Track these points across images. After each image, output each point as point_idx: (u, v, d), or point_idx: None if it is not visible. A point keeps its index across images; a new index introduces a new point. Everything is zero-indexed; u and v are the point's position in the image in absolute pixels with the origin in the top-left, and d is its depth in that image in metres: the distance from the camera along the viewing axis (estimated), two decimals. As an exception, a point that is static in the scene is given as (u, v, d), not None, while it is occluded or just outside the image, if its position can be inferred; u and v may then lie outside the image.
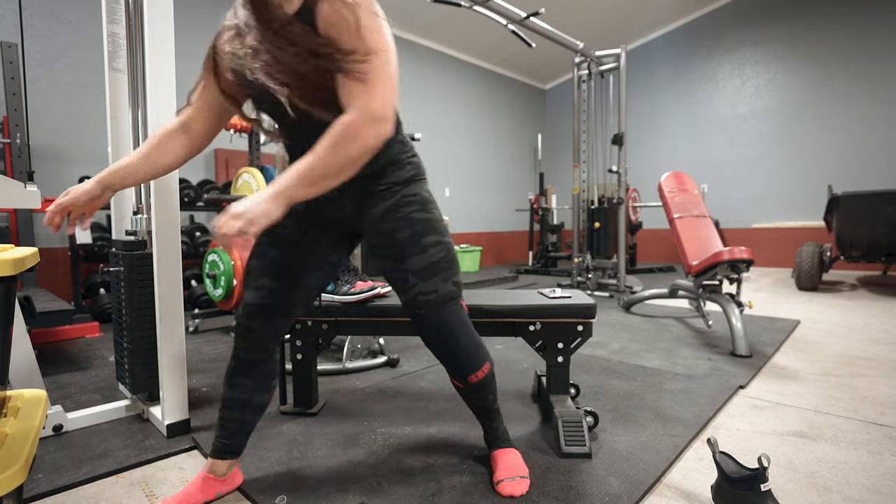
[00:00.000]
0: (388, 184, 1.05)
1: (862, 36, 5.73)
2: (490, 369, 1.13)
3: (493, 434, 1.20)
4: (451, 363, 1.08)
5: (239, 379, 1.07)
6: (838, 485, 1.14)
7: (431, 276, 1.03)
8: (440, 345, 1.06)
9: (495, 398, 1.17)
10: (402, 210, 1.04)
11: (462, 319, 1.08)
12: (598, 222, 4.52)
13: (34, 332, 2.51)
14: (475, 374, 1.09)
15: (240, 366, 1.07)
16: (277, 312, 1.06)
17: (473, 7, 3.27)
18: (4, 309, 0.77)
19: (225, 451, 1.09)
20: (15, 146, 2.84)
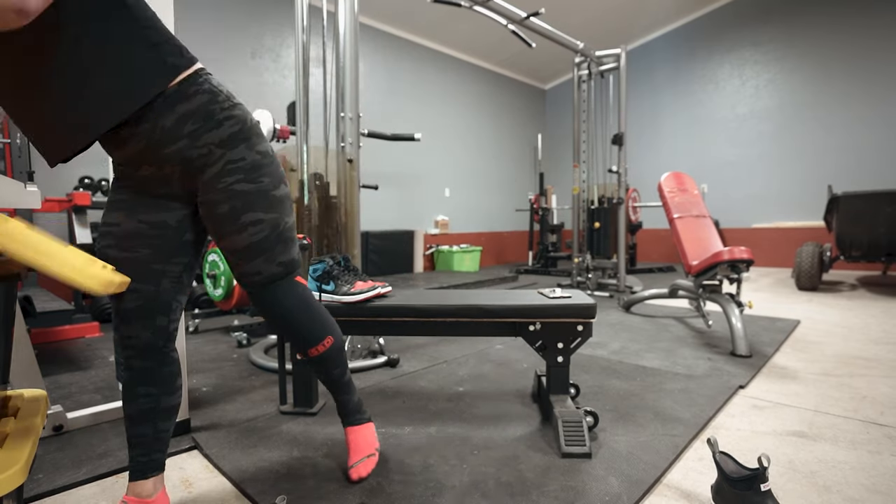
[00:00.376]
0: (207, 146, 0.90)
1: (862, 36, 5.73)
2: (334, 343, 1.11)
3: (346, 407, 1.20)
4: (288, 337, 1.08)
5: (141, 389, 0.97)
6: (838, 485, 1.14)
7: (253, 258, 0.97)
8: (272, 321, 1.05)
9: (343, 372, 1.16)
10: (223, 180, 0.92)
11: (295, 295, 1.04)
12: (598, 222, 4.52)
13: (34, 332, 2.51)
14: (315, 348, 1.08)
15: (137, 376, 0.97)
16: (155, 311, 0.96)
17: (473, 7, 3.27)
18: (5, 309, 0.77)
19: (146, 469, 0.98)
20: (15, 146, 2.84)
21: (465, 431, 1.42)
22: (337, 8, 2.19)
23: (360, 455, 1.16)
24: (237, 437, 1.40)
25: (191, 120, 0.89)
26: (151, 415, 0.98)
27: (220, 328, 2.97)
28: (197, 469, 1.26)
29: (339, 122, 2.22)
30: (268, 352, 2.31)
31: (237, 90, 4.97)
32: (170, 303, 0.99)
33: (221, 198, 0.92)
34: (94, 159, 3.91)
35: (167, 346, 1.00)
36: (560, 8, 6.08)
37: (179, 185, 0.95)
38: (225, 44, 4.86)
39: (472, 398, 1.70)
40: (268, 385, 1.89)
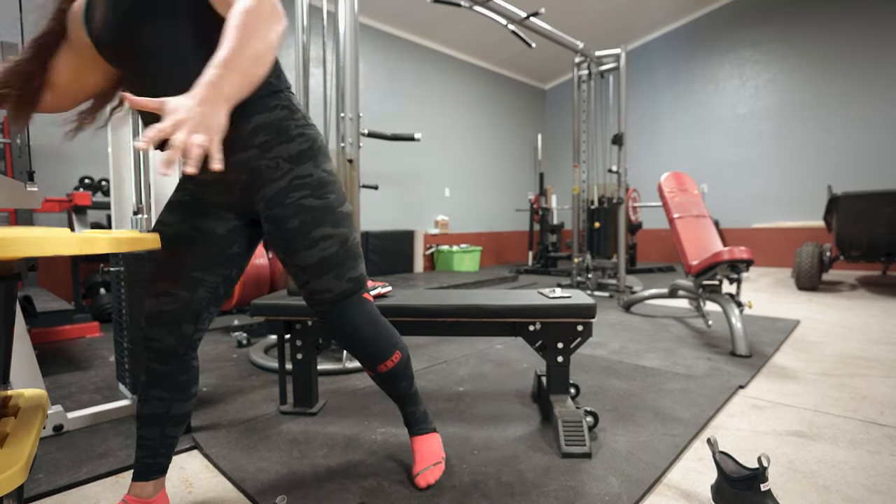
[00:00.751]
0: (275, 159, 0.92)
1: (862, 36, 5.73)
2: (401, 358, 1.09)
3: (412, 418, 1.19)
4: (357, 355, 1.05)
5: (155, 392, 0.97)
6: (838, 484, 1.14)
7: (323, 274, 0.95)
8: (342, 339, 1.03)
9: (410, 384, 1.15)
10: (291, 195, 0.93)
11: (364, 312, 1.02)
12: (598, 222, 4.52)
13: (34, 332, 2.51)
14: (383, 364, 1.07)
15: (154, 379, 0.96)
16: (185, 319, 0.96)
17: (473, 7, 3.27)
18: (5, 309, 0.78)
19: (149, 472, 0.98)
20: (15, 146, 2.84)
21: (465, 431, 1.42)
22: (337, 8, 2.19)
23: (426, 463, 1.14)
24: (237, 437, 1.40)
25: (264, 131, 0.91)
26: (162, 419, 0.97)
27: (220, 328, 2.97)
28: (197, 469, 1.26)
29: (339, 122, 2.22)
30: (268, 352, 2.31)
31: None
32: (200, 312, 0.98)
33: (291, 212, 0.93)
34: (94, 159, 3.91)
35: (188, 355, 0.99)
36: (560, 8, 6.08)
37: (240, 195, 0.96)
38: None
39: (472, 398, 1.70)
40: (268, 385, 1.89)
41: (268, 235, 0.96)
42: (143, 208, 1.55)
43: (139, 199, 1.56)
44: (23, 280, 0.90)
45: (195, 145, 0.64)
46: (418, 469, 1.13)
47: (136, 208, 1.57)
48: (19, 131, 0.91)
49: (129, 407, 1.59)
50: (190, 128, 0.64)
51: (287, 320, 1.56)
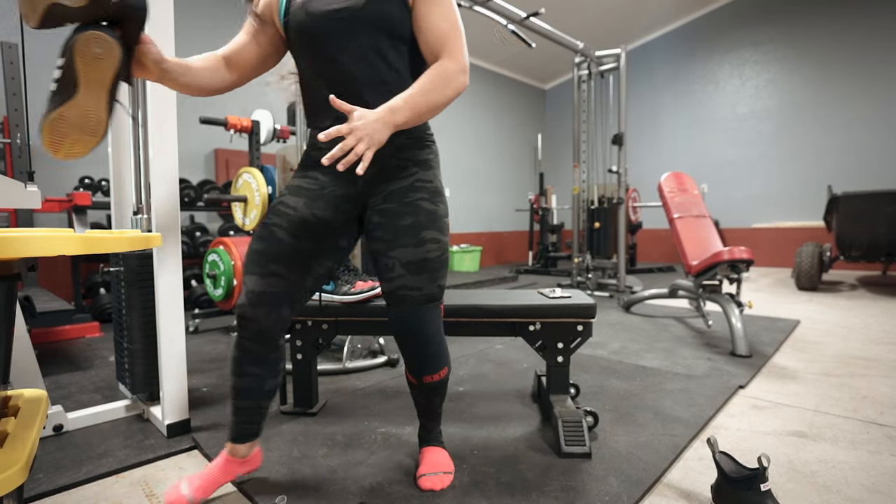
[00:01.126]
0: (405, 160, 1.03)
1: (862, 36, 5.73)
2: (447, 374, 1.11)
3: (428, 433, 1.21)
4: (413, 360, 1.06)
5: (248, 368, 1.03)
6: (838, 485, 1.14)
7: (420, 273, 1.00)
8: (409, 342, 1.04)
9: (441, 402, 1.17)
10: (410, 195, 1.01)
11: (437, 321, 1.05)
12: (598, 222, 4.52)
13: (34, 332, 2.51)
14: (432, 375, 1.08)
15: (247, 356, 1.02)
16: (286, 301, 1.01)
17: (473, 7, 3.27)
18: (6, 309, 0.78)
19: (245, 435, 1.08)
20: (15, 146, 2.84)
21: (465, 431, 1.42)
22: (337, 8, 2.19)
23: (434, 468, 1.13)
24: (237, 437, 1.40)
25: (405, 135, 1.01)
26: (255, 392, 1.05)
27: (220, 328, 2.97)
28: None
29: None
30: (268, 352, 2.31)
31: (237, 90, 4.97)
32: (301, 298, 1.04)
33: (407, 210, 1.00)
34: (94, 159, 3.91)
35: (281, 336, 1.04)
36: (560, 8, 6.08)
37: (362, 188, 1.04)
38: (224, 43, 4.86)
39: (472, 398, 1.70)
40: (268, 385, 1.89)
41: (373, 228, 1.03)
42: (143, 208, 1.55)
43: (139, 199, 1.56)
44: (23, 280, 0.90)
45: (357, 153, 0.81)
46: (425, 471, 1.12)
47: (136, 208, 1.57)
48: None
49: (129, 407, 1.59)
50: (362, 138, 0.82)
51: (287, 320, 1.56)
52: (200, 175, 4.60)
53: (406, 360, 1.08)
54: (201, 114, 4.30)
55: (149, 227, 1.53)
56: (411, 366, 1.08)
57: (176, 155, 1.40)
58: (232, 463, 1.09)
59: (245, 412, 1.06)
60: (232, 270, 2.64)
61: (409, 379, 1.12)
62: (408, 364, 1.08)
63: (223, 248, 2.72)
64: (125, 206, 1.71)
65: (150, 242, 0.74)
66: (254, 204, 2.82)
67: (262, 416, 1.09)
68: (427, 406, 1.16)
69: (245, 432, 1.07)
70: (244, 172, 2.91)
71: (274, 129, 3.21)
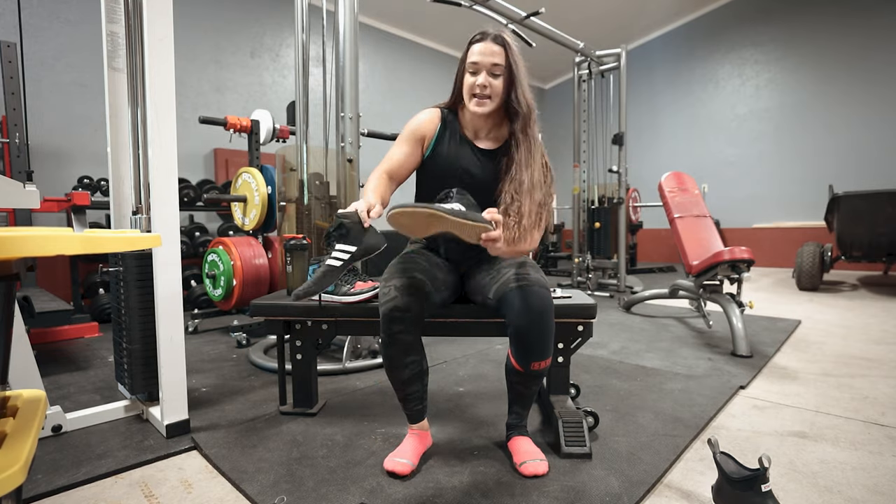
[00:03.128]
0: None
1: (862, 36, 5.73)
2: (549, 364, 1.20)
3: (519, 420, 1.29)
4: (526, 344, 1.15)
5: (409, 358, 1.18)
6: (839, 485, 1.13)
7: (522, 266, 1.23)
8: (532, 319, 1.13)
9: (537, 389, 1.27)
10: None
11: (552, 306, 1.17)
12: (599, 222, 4.52)
13: (33, 332, 2.50)
14: (540, 362, 1.16)
15: (405, 347, 1.17)
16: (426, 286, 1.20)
17: (473, 7, 3.27)
18: (4, 309, 0.77)
19: (423, 414, 1.27)
20: (14, 146, 2.84)
21: (466, 431, 1.42)
22: (337, 7, 2.18)
23: (531, 456, 1.19)
24: (237, 438, 1.39)
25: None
26: (421, 375, 1.23)
27: (219, 328, 2.96)
28: (196, 469, 1.26)
29: (338, 122, 2.22)
30: (267, 352, 2.31)
31: (237, 90, 4.97)
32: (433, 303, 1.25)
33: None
34: (93, 159, 3.91)
35: (423, 323, 1.21)
36: (560, 7, 6.08)
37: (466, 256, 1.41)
38: (224, 43, 4.86)
39: (472, 398, 1.70)
40: (267, 385, 1.88)
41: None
42: (143, 208, 1.54)
43: (138, 198, 1.56)
44: (21, 280, 0.89)
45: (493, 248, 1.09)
46: (525, 459, 1.18)
47: (136, 208, 1.57)
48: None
49: (129, 407, 1.58)
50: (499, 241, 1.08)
51: (287, 320, 1.56)
52: (200, 175, 4.60)
53: (518, 346, 1.16)
54: (201, 114, 4.30)
55: (148, 227, 1.52)
56: (522, 351, 1.16)
57: (175, 155, 1.39)
58: (425, 435, 1.28)
59: (416, 394, 1.23)
60: (231, 270, 2.64)
61: (515, 367, 1.19)
62: (518, 350, 1.17)
63: (222, 248, 2.72)
64: (124, 205, 1.70)
65: (149, 242, 0.74)
66: (253, 204, 2.82)
67: (427, 392, 1.27)
68: (525, 394, 1.25)
69: (422, 411, 1.27)
70: (244, 172, 2.91)
71: (273, 129, 3.20)
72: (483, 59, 1.23)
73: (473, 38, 1.26)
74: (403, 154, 1.34)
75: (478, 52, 1.23)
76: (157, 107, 1.35)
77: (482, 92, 1.24)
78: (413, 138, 1.36)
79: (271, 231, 2.92)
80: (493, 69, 1.23)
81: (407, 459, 1.19)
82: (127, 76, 1.58)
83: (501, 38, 1.24)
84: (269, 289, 2.76)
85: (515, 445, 1.25)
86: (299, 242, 1.72)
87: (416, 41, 6.61)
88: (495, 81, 1.24)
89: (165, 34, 1.35)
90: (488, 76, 1.23)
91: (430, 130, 1.36)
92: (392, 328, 1.15)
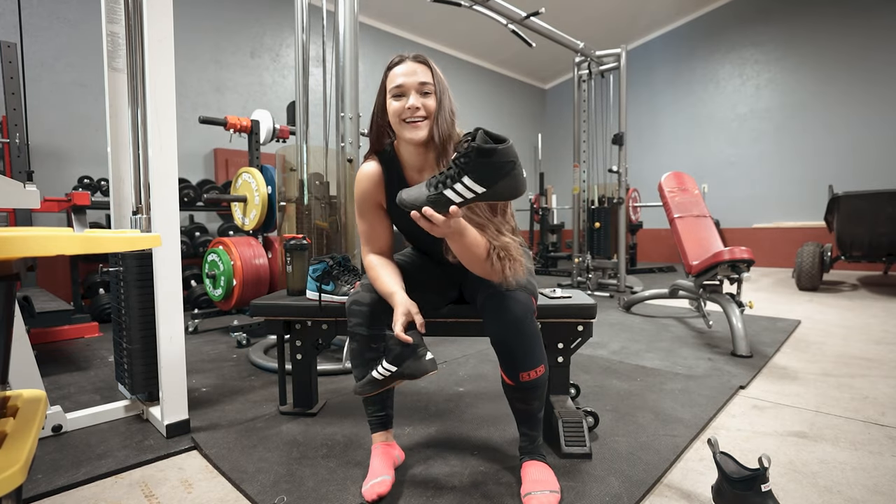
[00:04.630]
0: None
1: (862, 36, 5.73)
2: (544, 373, 1.09)
3: (530, 444, 1.15)
4: (508, 354, 1.06)
5: (369, 354, 1.14)
6: (839, 485, 1.13)
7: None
8: (506, 327, 1.04)
9: (541, 406, 1.13)
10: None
11: (531, 308, 1.08)
12: (599, 222, 4.52)
13: (33, 332, 2.50)
14: (528, 372, 1.06)
15: (364, 342, 1.14)
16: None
17: (473, 7, 3.27)
18: (4, 309, 0.77)
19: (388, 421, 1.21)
20: (14, 146, 2.84)
21: (465, 431, 1.42)
22: (337, 8, 2.19)
23: (540, 487, 1.05)
24: (237, 438, 1.39)
25: None
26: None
27: (219, 328, 2.96)
28: (196, 469, 1.26)
29: (338, 122, 2.22)
30: (267, 352, 2.31)
31: (237, 90, 4.97)
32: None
33: None
34: (94, 159, 3.91)
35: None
36: (560, 7, 6.08)
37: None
38: (224, 43, 4.86)
39: (472, 398, 1.70)
40: (267, 385, 1.89)
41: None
42: (143, 208, 1.54)
43: (138, 198, 1.56)
44: (21, 280, 0.89)
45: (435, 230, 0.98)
46: (530, 490, 1.05)
47: (136, 208, 1.57)
48: None
49: (129, 407, 1.59)
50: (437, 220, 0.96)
51: (287, 320, 1.56)
52: (200, 175, 4.60)
53: (502, 359, 1.08)
54: (201, 114, 4.30)
55: (148, 227, 1.52)
56: (507, 362, 1.07)
57: (175, 155, 1.39)
58: (391, 448, 1.19)
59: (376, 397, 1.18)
60: (231, 270, 2.64)
61: (506, 382, 1.10)
62: (504, 362, 1.08)
63: (222, 248, 2.72)
64: (124, 205, 1.70)
65: (149, 242, 0.74)
66: (253, 204, 2.82)
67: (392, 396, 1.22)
68: (526, 412, 1.12)
69: (387, 419, 1.20)
70: (244, 172, 2.91)
71: (273, 129, 3.20)
72: (408, 79, 1.09)
73: (391, 62, 1.14)
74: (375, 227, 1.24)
75: (401, 74, 1.10)
76: (157, 107, 1.35)
77: (414, 115, 1.09)
78: (371, 208, 1.23)
79: (271, 231, 2.92)
80: (422, 87, 1.10)
81: (381, 476, 1.09)
82: (127, 76, 1.58)
83: (422, 57, 1.13)
84: (269, 289, 2.77)
85: (526, 471, 1.11)
86: (299, 242, 1.72)
87: (416, 41, 6.61)
88: (427, 101, 1.10)
89: (165, 34, 1.35)
90: (418, 96, 1.10)
91: (378, 189, 1.22)
92: (351, 321, 1.14)
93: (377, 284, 1.14)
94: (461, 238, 1.00)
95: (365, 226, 1.24)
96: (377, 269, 1.17)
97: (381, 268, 1.17)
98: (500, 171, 0.87)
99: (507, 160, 0.86)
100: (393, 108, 1.11)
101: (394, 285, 1.12)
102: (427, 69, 1.12)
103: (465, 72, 7.24)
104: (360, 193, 1.22)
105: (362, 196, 1.22)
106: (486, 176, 0.87)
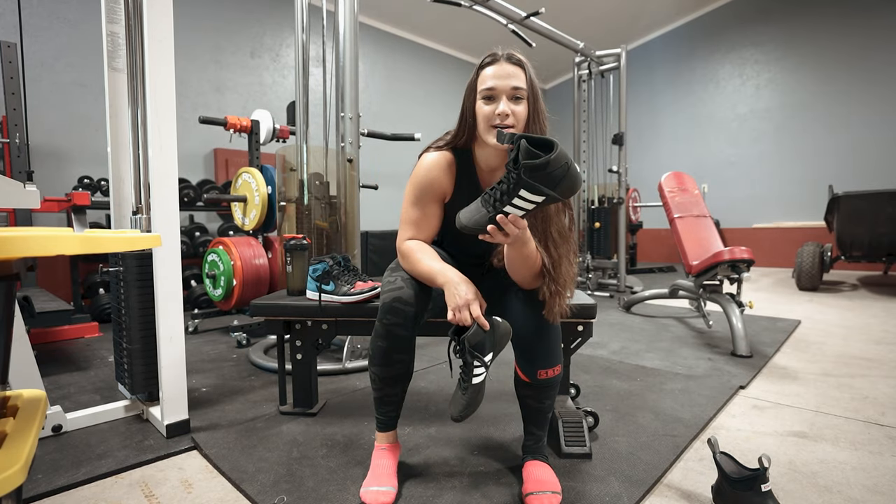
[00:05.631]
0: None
1: (862, 36, 5.73)
2: (560, 373, 1.10)
3: (535, 443, 1.16)
4: (527, 351, 1.07)
5: (398, 356, 1.08)
6: (839, 485, 1.13)
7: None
8: (533, 321, 1.05)
9: (552, 406, 1.14)
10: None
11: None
12: (599, 222, 4.52)
13: (33, 332, 2.50)
14: (547, 370, 1.07)
15: (396, 344, 1.06)
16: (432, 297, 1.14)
17: (473, 7, 3.27)
18: (4, 309, 0.77)
19: (394, 423, 1.18)
20: (14, 146, 2.84)
21: (465, 432, 1.42)
22: (337, 8, 2.19)
23: (541, 487, 1.05)
24: (237, 438, 1.39)
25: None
26: (404, 377, 1.11)
27: (219, 328, 2.96)
28: (196, 469, 1.26)
29: (338, 122, 2.22)
30: (267, 352, 2.31)
31: (237, 90, 4.97)
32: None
33: None
34: (94, 159, 3.91)
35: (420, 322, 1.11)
36: (560, 7, 6.08)
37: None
38: (224, 43, 4.86)
39: (472, 398, 1.70)
40: (267, 385, 1.89)
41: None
42: (143, 208, 1.54)
43: (138, 198, 1.56)
44: (21, 280, 0.89)
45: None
46: (531, 490, 1.05)
47: (136, 208, 1.57)
48: None
49: (129, 407, 1.59)
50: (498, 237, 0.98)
51: (287, 320, 1.56)
52: (200, 175, 4.60)
53: (521, 354, 1.08)
54: (201, 114, 4.30)
55: (148, 227, 1.52)
56: (526, 358, 1.08)
57: (175, 155, 1.39)
58: (396, 450, 1.19)
59: (394, 399, 1.14)
60: (231, 270, 2.64)
61: (521, 378, 1.11)
62: (522, 358, 1.08)
63: (222, 248, 2.72)
64: (125, 205, 1.70)
65: (149, 242, 0.74)
66: (253, 204, 2.82)
67: (402, 401, 1.18)
68: (538, 410, 1.13)
69: (395, 419, 1.18)
70: (244, 172, 2.91)
71: (273, 129, 3.20)
72: (500, 83, 1.05)
73: (483, 61, 1.09)
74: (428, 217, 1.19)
75: (492, 76, 1.05)
76: (157, 107, 1.35)
77: (503, 122, 1.04)
78: (433, 198, 1.19)
79: (271, 231, 2.92)
80: (514, 93, 1.05)
81: (387, 486, 1.07)
82: (127, 76, 1.58)
83: (517, 58, 1.08)
84: (269, 289, 2.76)
85: (528, 471, 1.10)
86: (299, 242, 1.72)
87: (416, 41, 6.61)
88: (518, 108, 1.05)
89: (165, 34, 1.35)
90: (509, 102, 1.05)
91: (448, 180, 1.18)
92: (389, 319, 1.05)
93: (424, 262, 1.09)
94: (522, 247, 0.99)
95: (417, 213, 1.18)
96: (422, 251, 1.12)
97: (425, 250, 1.13)
98: (555, 179, 0.85)
99: (559, 166, 0.84)
100: (483, 112, 1.07)
101: (443, 263, 1.08)
102: (521, 72, 1.07)
103: (465, 71, 7.24)
104: (426, 181, 1.17)
105: (428, 183, 1.17)
106: (543, 185, 0.86)
